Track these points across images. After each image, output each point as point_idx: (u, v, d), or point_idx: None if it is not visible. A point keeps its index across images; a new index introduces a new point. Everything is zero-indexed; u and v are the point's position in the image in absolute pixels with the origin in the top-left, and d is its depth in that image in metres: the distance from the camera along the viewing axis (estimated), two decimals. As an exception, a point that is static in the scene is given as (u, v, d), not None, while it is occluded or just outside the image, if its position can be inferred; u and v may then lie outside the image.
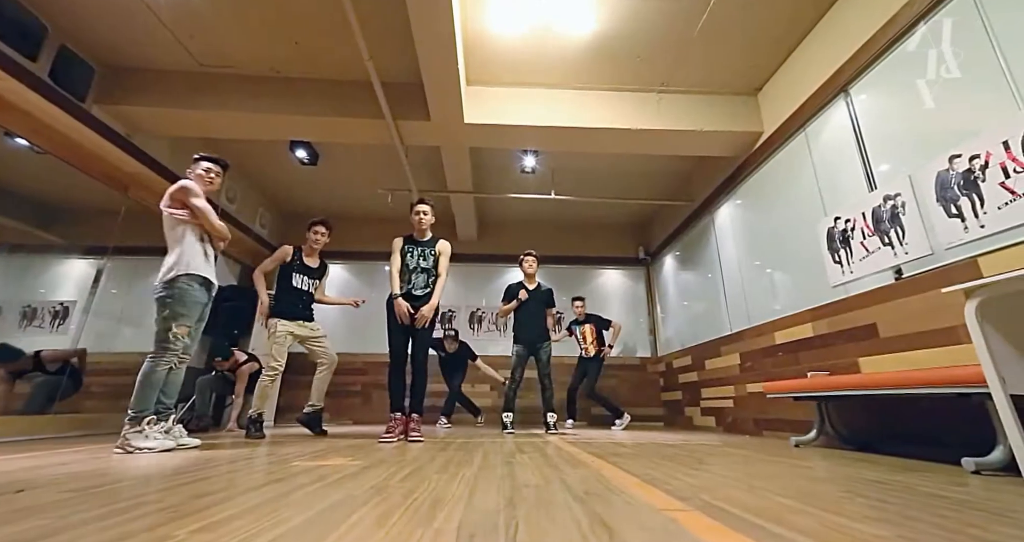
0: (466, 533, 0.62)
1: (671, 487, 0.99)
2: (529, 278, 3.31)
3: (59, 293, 4.60)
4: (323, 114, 3.17)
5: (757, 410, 3.14)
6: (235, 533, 0.62)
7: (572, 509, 0.76)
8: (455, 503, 0.82)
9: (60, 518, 0.71)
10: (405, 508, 0.77)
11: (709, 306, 4.07)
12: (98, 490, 0.96)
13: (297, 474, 1.15)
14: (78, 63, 2.80)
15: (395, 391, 2.47)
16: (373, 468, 1.27)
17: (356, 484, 1.01)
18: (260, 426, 2.58)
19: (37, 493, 0.92)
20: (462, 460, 1.49)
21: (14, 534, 0.62)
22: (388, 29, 2.64)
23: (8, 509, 0.77)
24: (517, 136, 3.37)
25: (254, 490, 0.94)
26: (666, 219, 5.06)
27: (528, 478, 1.11)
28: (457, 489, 0.96)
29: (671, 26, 2.74)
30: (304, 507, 0.78)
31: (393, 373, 2.48)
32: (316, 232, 2.86)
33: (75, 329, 4.48)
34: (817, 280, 2.59)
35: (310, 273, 2.85)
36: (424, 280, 2.58)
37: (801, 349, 2.68)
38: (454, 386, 4.31)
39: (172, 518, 0.70)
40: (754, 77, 3.19)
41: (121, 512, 0.74)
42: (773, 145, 3.07)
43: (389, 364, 2.50)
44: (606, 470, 1.27)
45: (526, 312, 3.26)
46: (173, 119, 3.19)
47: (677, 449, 2.00)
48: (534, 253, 3.34)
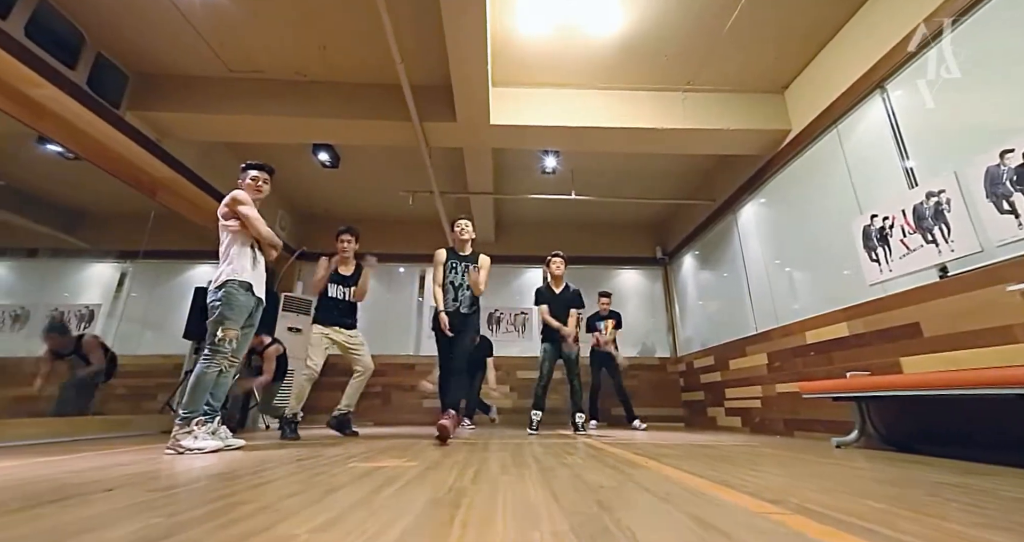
0: (586, 534, 0.62)
1: (748, 489, 0.99)
2: (556, 280, 3.30)
3: (84, 297, 4.68)
4: (348, 117, 3.20)
5: (787, 410, 3.11)
6: (354, 533, 0.63)
7: (670, 513, 0.76)
8: (546, 504, 0.82)
9: (169, 515, 0.72)
10: (501, 510, 0.78)
11: (732, 306, 4.04)
12: (182, 489, 0.97)
13: (363, 475, 1.16)
14: (113, 70, 2.85)
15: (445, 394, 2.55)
16: (433, 470, 1.28)
17: (431, 485, 1.02)
18: (295, 428, 2.61)
19: (126, 492, 0.93)
20: (515, 461, 1.49)
21: (141, 530, 0.63)
22: (417, 33, 2.66)
23: (113, 507, 0.79)
24: (541, 137, 3.38)
25: (336, 491, 0.95)
26: (685, 219, 5.03)
27: (597, 479, 1.11)
28: (536, 491, 0.96)
29: (700, 24, 2.73)
30: (400, 508, 0.78)
31: (444, 379, 2.60)
32: (342, 240, 2.93)
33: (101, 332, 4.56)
34: (851, 279, 2.57)
35: (345, 281, 2.90)
36: (470, 297, 2.63)
37: (835, 349, 2.65)
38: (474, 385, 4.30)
39: (279, 518, 0.71)
40: (781, 75, 3.16)
41: (224, 511, 0.75)
42: (802, 143, 3.04)
43: (440, 371, 2.65)
44: (666, 471, 1.26)
45: (553, 316, 3.25)
46: (202, 124, 3.24)
47: (718, 450, 1.99)
48: (561, 254, 3.31)
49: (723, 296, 4.26)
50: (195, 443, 1.77)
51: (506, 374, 4.97)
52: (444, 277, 2.64)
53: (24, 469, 1.30)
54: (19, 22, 2.23)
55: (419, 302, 5.41)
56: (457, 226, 2.73)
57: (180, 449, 1.75)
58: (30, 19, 2.27)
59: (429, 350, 5.12)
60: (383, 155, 4.14)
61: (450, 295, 2.61)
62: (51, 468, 1.32)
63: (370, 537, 0.61)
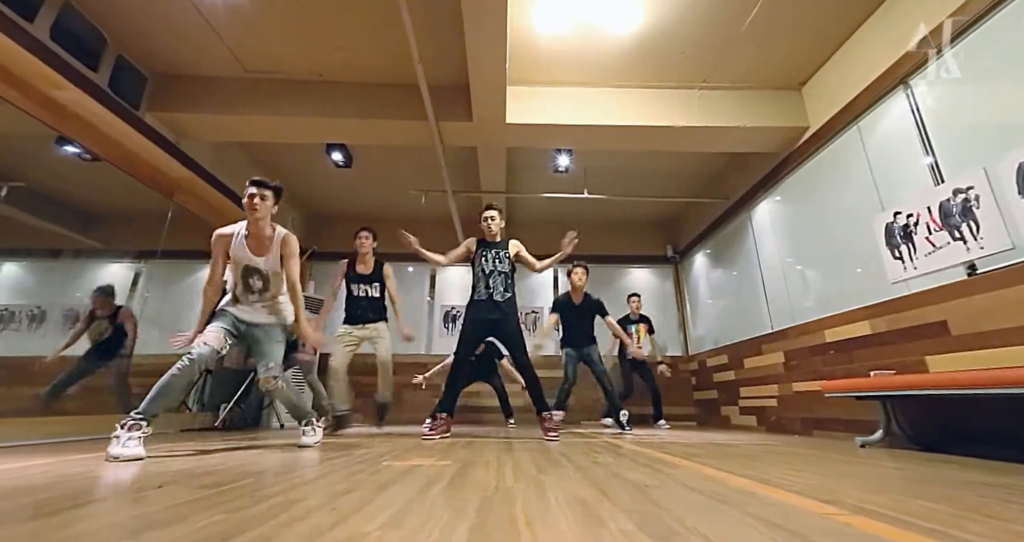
0: (656, 535, 0.62)
1: (794, 488, 0.98)
2: (575, 290, 3.25)
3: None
4: (364, 116, 3.20)
5: (805, 409, 3.09)
6: (422, 531, 0.63)
7: (730, 514, 0.76)
8: (597, 504, 0.82)
9: (230, 512, 0.73)
10: (557, 508, 0.78)
11: (747, 304, 4.01)
12: (229, 487, 0.98)
13: (404, 474, 1.17)
14: (133, 72, 2.87)
15: (452, 390, 2.46)
16: (470, 468, 1.28)
17: (475, 484, 1.02)
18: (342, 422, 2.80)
19: (176, 489, 0.94)
20: (547, 460, 1.49)
21: (210, 526, 0.63)
22: (435, 33, 2.65)
23: (171, 503, 0.79)
24: (556, 135, 3.37)
25: (385, 489, 0.95)
26: (696, 217, 5.00)
27: (638, 478, 1.11)
28: (583, 489, 0.96)
29: (719, 21, 2.71)
30: (456, 507, 0.79)
31: (455, 373, 2.47)
32: (360, 238, 2.98)
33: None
34: (872, 276, 2.54)
35: (366, 279, 2.96)
36: (503, 283, 2.54)
37: (855, 347, 2.63)
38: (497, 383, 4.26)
39: (340, 515, 0.72)
40: (799, 72, 3.13)
41: (283, 508, 0.76)
42: (820, 140, 3.02)
43: (452, 364, 2.51)
44: (704, 470, 1.26)
45: (571, 324, 3.23)
46: (218, 124, 3.26)
47: (742, 448, 1.98)
48: (585, 265, 3.24)
49: (737, 294, 4.24)
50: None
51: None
52: (474, 265, 2.60)
53: (64, 466, 1.32)
54: (45, 24, 2.25)
55: (429, 302, 5.42)
56: (484, 219, 2.66)
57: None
58: (55, 22, 2.29)
59: (439, 349, 5.13)
60: (395, 154, 4.15)
61: (481, 283, 2.54)
62: (89, 465, 1.33)
63: (440, 535, 0.61)
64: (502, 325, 2.47)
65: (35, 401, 3.36)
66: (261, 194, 1.84)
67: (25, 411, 3.45)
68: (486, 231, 2.66)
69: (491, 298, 2.49)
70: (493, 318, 2.47)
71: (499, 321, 2.47)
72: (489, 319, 2.48)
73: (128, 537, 0.61)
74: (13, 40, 2.08)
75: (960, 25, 2.05)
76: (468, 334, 2.51)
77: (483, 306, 2.50)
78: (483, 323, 2.50)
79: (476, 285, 2.57)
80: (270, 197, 1.88)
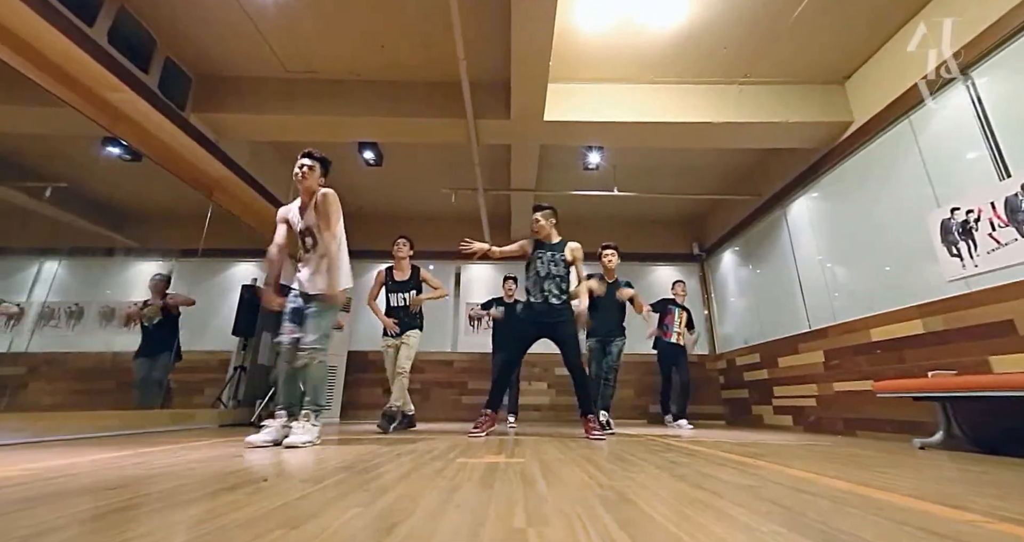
0: (814, 538, 0.61)
1: (904, 491, 0.96)
2: (608, 273, 3.24)
3: (134, 294, 4.84)
4: (400, 115, 3.22)
5: (848, 409, 3.04)
6: (571, 527, 0.63)
7: (876, 522, 0.75)
8: (721, 504, 0.81)
9: (364, 505, 0.74)
10: (691, 512, 0.78)
11: (781, 302, 3.96)
12: (333, 481, 0.99)
13: (492, 472, 1.18)
14: (179, 74, 2.92)
15: (499, 389, 2.50)
16: (552, 466, 1.29)
17: (575, 483, 1.02)
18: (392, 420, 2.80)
19: (283, 482, 0.96)
20: (619, 458, 1.49)
21: (360, 515, 0.64)
22: (479, 30, 2.65)
23: (298, 496, 0.81)
24: (591, 132, 3.35)
25: (491, 487, 0.96)
26: (724, 214, 4.94)
27: (732, 478, 1.10)
28: (688, 489, 0.96)
29: (764, 14, 2.66)
30: (584, 504, 0.79)
31: (503, 371, 2.52)
32: (396, 244, 3.01)
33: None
34: (926, 274, 2.48)
35: (403, 288, 2.97)
36: (558, 286, 2.53)
37: (906, 347, 2.58)
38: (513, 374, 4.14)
39: (480, 510, 0.72)
40: (843, 65, 3.06)
41: (411, 500, 0.77)
42: (867, 135, 2.95)
43: (501, 364, 2.54)
44: (789, 470, 1.25)
45: (600, 307, 3.14)
46: (257, 124, 3.30)
47: (797, 448, 1.96)
48: (614, 246, 3.24)
49: (769, 293, 4.18)
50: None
51: (543, 371, 4.99)
52: (529, 267, 2.61)
53: (146, 458, 1.35)
54: (103, 29, 2.30)
55: (455, 299, 5.44)
56: (536, 220, 2.66)
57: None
58: (112, 25, 2.34)
59: (466, 347, 5.16)
60: (425, 153, 4.16)
61: (536, 287, 2.53)
62: (171, 458, 1.37)
63: (597, 533, 0.61)
64: (561, 327, 2.50)
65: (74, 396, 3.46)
66: (310, 165, 2.02)
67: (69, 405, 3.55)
68: (532, 234, 2.68)
69: (547, 301, 2.51)
70: (550, 322, 2.50)
71: (557, 324, 2.50)
72: (546, 322, 2.50)
73: (291, 526, 0.62)
74: (76, 43, 2.13)
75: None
76: (522, 335, 2.54)
77: (540, 309, 2.52)
78: (539, 326, 2.52)
79: (531, 288, 2.58)
80: (317, 168, 2.05)
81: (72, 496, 0.84)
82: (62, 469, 1.16)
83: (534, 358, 4.58)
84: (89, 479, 1.02)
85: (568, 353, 2.47)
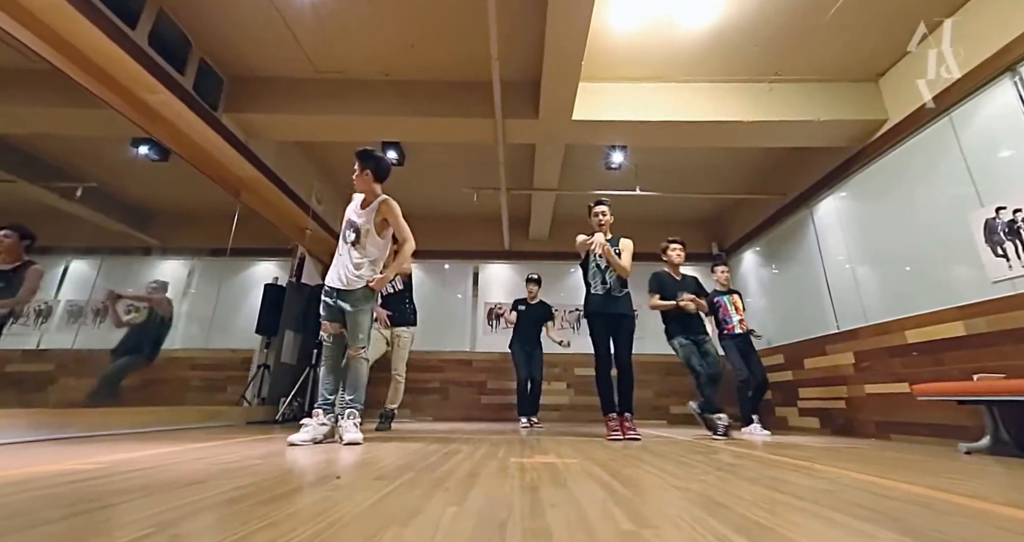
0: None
1: (998, 500, 0.95)
2: (674, 268, 3.11)
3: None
4: (426, 115, 3.22)
5: (880, 412, 2.99)
6: (678, 528, 0.63)
7: (971, 526, 0.73)
8: (804, 508, 0.80)
9: (456, 504, 0.74)
10: (789, 513, 0.77)
11: (806, 303, 3.91)
12: (404, 480, 1.00)
13: (558, 472, 1.18)
14: (212, 75, 2.95)
15: (603, 392, 2.49)
16: (613, 465, 1.28)
17: (650, 484, 1.02)
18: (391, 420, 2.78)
19: (356, 479, 0.97)
20: (671, 459, 1.48)
21: (464, 511, 0.64)
22: (512, 30, 2.65)
23: (381, 495, 0.81)
24: (618, 131, 3.33)
25: (567, 486, 0.96)
26: (746, 214, 4.89)
27: (801, 481, 1.09)
28: (766, 491, 0.95)
29: (799, 11, 2.62)
30: (676, 506, 0.78)
31: (599, 373, 2.50)
32: None
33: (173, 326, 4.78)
34: (967, 275, 2.44)
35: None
36: (619, 280, 2.57)
37: (946, 349, 2.53)
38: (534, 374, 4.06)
39: (572, 512, 0.72)
40: (877, 62, 3.01)
41: (504, 502, 0.77)
42: (902, 133, 2.90)
43: (595, 364, 2.51)
44: (852, 475, 1.23)
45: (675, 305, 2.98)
46: (286, 124, 3.33)
47: (841, 451, 1.93)
48: (680, 240, 3.13)
49: (794, 294, 4.13)
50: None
51: (563, 371, 4.98)
52: (588, 261, 2.63)
53: (204, 454, 1.36)
54: (144, 31, 2.33)
55: (473, 298, 5.45)
56: (594, 214, 2.67)
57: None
58: (152, 28, 2.37)
59: (485, 346, 5.16)
60: (446, 152, 4.17)
61: (598, 278, 2.58)
62: (230, 454, 1.38)
63: (717, 539, 0.61)
64: (623, 321, 2.51)
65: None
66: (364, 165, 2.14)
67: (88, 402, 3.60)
68: (595, 227, 2.66)
69: (609, 293, 2.54)
70: (616, 312, 2.51)
71: (622, 317, 2.51)
72: (611, 313, 2.51)
73: (398, 524, 0.62)
74: (120, 46, 2.17)
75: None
76: (598, 329, 2.52)
77: (604, 300, 2.53)
78: (607, 317, 2.52)
79: (592, 281, 2.59)
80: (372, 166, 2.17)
81: (173, 487, 0.84)
82: (131, 463, 1.18)
83: (554, 358, 4.58)
84: (167, 474, 1.03)
85: (621, 349, 2.48)
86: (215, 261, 4.94)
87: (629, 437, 2.34)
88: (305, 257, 4.70)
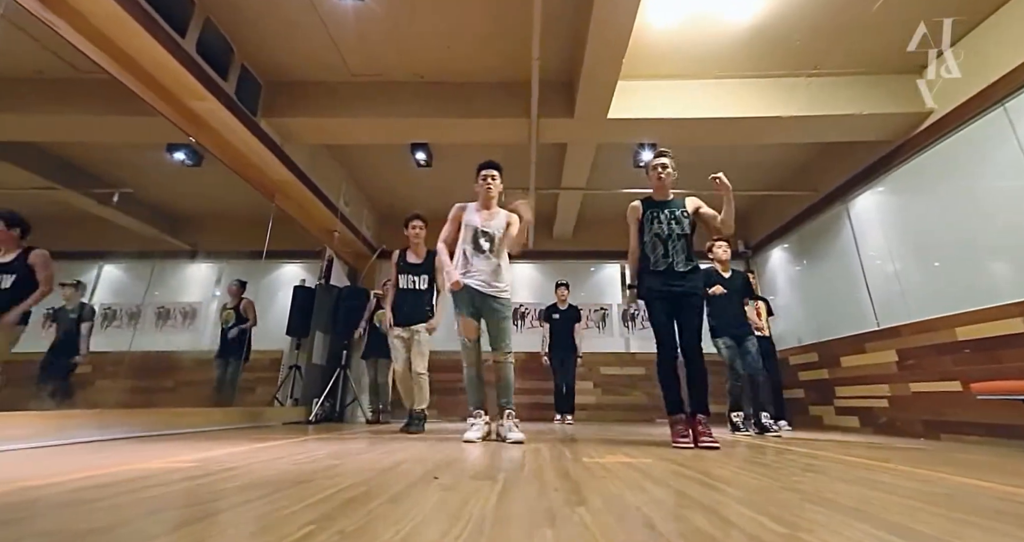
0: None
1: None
2: (723, 265, 3.12)
3: (186, 295, 5.00)
4: (460, 116, 3.24)
5: (928, 411, 2.93)
6: (809, 530, 0.62)
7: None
8: (912, 512, 0.79)
9: (571, 505, 0.74)
10: (921, 514, 0.75)
11: (842, 300, 3.84)
12: (504, 479, 1.00)
13: (635, 470, 1.17)
14: (252, 81, 3.00)
15: (668, 388, 2.01)
16: (694, 465, 1.27)
17: (747, 488, 1.01)
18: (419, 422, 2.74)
19: (453, 479, 0.97)
20: (748, 460, 1.47)
21: (604, 515, 0.64)
22: (548, 30, 2.64)
23: (497, 494, 0.81)
24: (652, 130, 3.31)
25: (664, 485, 0.95)
26: (774, 210, 4.82)
27: (906, 484, 1.07)
28: (858, 489, 0.93)
29: (846, 3, 2.57)
30: (788, 506, 0.78)
31: (661, 366, 2.01)
32: (413, 226, 2.89)
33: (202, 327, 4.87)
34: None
35: (415, 270, 2.79)
36: (684, 249, 2.05)
37: (1003, 346, 2.47)
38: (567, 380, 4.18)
39: (723, 521, 0.71)
40: (921, 55, 2.94)
41: (618, 500, 0.77)
42: (949, 125, 2.83)
43: (657, 355, 2.02)
44: (938, 475, 1.20)
45: (720, 304, 2.99)
46: (321, 127, 3.37)
47: (906, 451, 1.89)
48: (725, 237, 3.01)
49: (828, 291, 4.06)
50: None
51: (588, 370, 4.96)
52: (643, 232, 2.13)
53: (275, 453, 1.38)
54: (192, 39, 2.37)
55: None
56: (654, 168, 2.14)
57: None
58: (199, 36, 2.41)
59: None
60: (475, 153, 4.17)
61: (659, 250, 2.06)
62: (303, 453, 1.40)
63: (832, 531, 0.60)
64: (688, 300, 2.00)
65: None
66: (492, 175, 2.33)
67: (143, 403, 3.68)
68: (656, 185, 2.15)
69: (672, 267, 2.03)
70: (678, 290, 2.00)
71: (686, 295, 2.00)
72: (673, 291, 2.01)
73: (545, 524, 0.63)
74: (172, 55, 2.21)
75: None
76: (658, 313, 2.02)
77: (665, 275, 2.03)
78: (667, 296, 2.02)
79: (650, 254, 2.08)
80: (498, 176, 2.34)
81: (282, 486, 0.86)
82: (218, 461, 1.20)
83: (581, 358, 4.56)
84: (262, 472, 1.05)
85: (688, 335, 1.99)
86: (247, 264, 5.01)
87: (704, 445, 1.84)
88: (333, 259, 4.74)
